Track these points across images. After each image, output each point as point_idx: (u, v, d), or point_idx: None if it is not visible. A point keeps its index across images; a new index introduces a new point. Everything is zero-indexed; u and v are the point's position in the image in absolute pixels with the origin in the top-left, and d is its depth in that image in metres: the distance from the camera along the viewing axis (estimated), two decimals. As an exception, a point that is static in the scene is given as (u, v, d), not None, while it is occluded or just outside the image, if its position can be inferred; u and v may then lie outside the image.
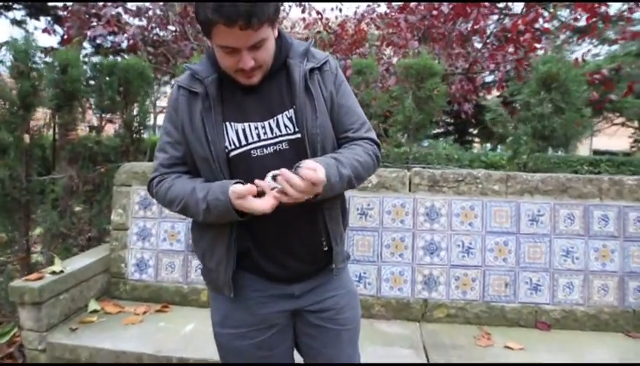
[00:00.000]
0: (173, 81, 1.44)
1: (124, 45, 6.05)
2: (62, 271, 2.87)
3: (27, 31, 10.35)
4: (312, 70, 1.33)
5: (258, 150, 1.29)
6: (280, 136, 1.30)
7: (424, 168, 3.30)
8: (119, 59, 4.28)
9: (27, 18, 10.52)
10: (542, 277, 3.02)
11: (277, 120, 1.30)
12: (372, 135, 1.45)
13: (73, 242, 3.79)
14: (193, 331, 2.77)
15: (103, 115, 3.99)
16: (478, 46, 6.34)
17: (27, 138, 3.55)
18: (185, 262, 3.27)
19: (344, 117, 1.40)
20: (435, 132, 16.12)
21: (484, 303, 3.03)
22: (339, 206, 1.46)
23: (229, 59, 1.22)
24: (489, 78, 6.12)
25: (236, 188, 1.20)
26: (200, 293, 3.26)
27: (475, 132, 17.52)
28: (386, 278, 3.10)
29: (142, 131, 4.07)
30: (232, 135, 1.29)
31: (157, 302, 3.20)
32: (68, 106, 3.80)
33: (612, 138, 18.48)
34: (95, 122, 4.08)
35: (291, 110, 1.30)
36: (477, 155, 13.65)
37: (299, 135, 1.30)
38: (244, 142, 1.29)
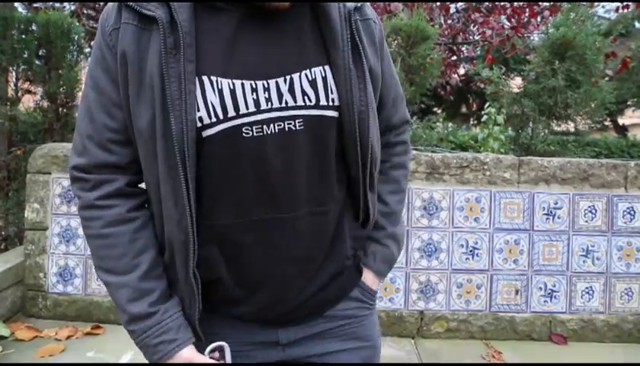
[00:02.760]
0: None
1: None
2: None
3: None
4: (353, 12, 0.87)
5: (254, 127, 0.80)
6: (294, 107, 0.81)
7: (420, 150, 2.77)
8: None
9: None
10: (557, 282, 2.75)
11: (292, 80, 0.82)
12: (407, 135, 1.09)
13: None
14: (133, 361, 2.34)
15: (19, 84, 3.31)
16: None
17: None
18: (122, 270, 2.73)
19: (393, 97, 1.00)
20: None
21: (490, 313, 2.74)
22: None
23: None
24: (469, 50, 5.66)
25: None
26: (143, 308, 2.69)
27: (439, 111, 17.41)
28: (375, 287, 2.67)
29: (69, 104, 3.43)
30: (213, 97, 0.79)
31: (86, 321, 2.75)
32: (-34, 71, 3.10)
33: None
34: (10, 93, 3.42)
35: (317, 69, 0.83)
36: (444, 135, 13.44)
37: (332, 112, 0.83)
38: (232, 111, 0.79)
